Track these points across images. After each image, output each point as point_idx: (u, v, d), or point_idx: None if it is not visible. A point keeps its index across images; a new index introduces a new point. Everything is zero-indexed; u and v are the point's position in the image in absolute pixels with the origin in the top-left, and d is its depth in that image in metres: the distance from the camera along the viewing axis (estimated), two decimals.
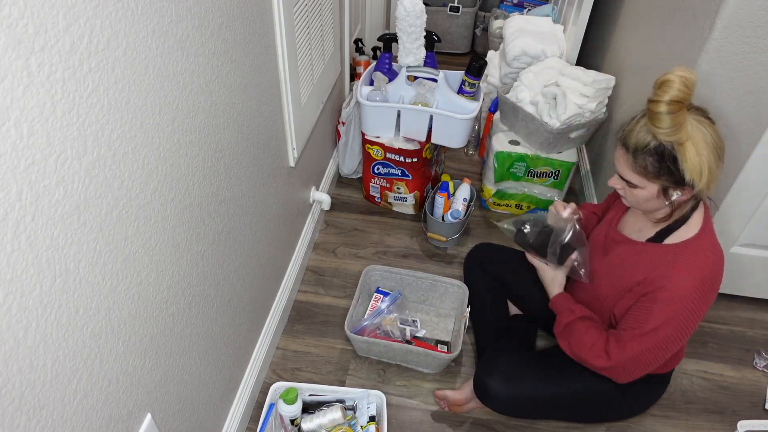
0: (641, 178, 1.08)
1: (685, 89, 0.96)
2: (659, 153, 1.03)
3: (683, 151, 1.01)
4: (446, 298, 1.74)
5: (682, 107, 0.98)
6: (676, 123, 0.98)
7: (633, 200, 1.15)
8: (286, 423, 1.33)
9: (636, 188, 1.10)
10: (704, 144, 1.01)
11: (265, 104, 1.33)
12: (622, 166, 1.10)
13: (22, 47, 0.56)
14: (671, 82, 0.96)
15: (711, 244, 1.12)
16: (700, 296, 1.10)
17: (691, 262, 1.10)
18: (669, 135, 1.00)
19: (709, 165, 1.02)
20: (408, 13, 1.76)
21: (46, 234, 0.64)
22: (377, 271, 1.74)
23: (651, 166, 1.05)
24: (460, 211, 1.96)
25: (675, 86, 0.95)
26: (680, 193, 1.07)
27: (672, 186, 1.07)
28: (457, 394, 1.47)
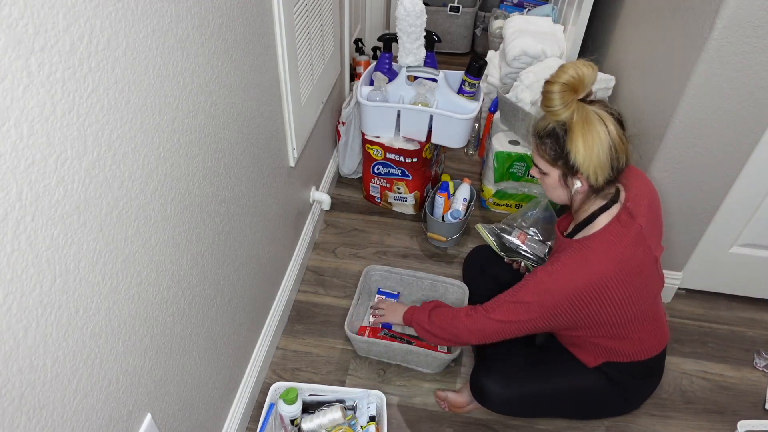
0: (544, 162, 1.16)
1: (576, 76, 1.04)
2: (554, 135, 1.11)
3: (570, 133, 1.07)
4: (446, 298, 1.74)
5: (571, 91, 1.06)
6: (564, 102, 1.06)
7: (545, 189, 1.23)
8: (286, 423, 1.33)
9: (545, 175, 1.18)
10: (595, 132, 1.06)
11: (265, 104, 1.33)
12: (533, 152, 1.19)
13: (22, 47, 0.56)
14: (566, 68, 1.05)
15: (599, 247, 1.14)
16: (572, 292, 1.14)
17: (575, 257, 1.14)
18: (557, 114, 1.07)
19: (597, 153, 1.06)
20: (408, 13, 1.76)
21: (46, 234, 0.64)
22: (377, 272, 1.74)
23: (549, 149, 1.13)
24: (460, 211, 1.96)
25: (568, 72, 1.04)
26: (579, 183, 1.13)
27: (569, 173, 1.13)
28: (458, 397, 1.47)
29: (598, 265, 1.12)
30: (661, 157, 1.53)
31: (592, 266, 1.13)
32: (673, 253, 1.74)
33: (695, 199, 1.59)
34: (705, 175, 1.54)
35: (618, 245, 1.13)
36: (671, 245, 1.72)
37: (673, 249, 1.73)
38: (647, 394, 1.44)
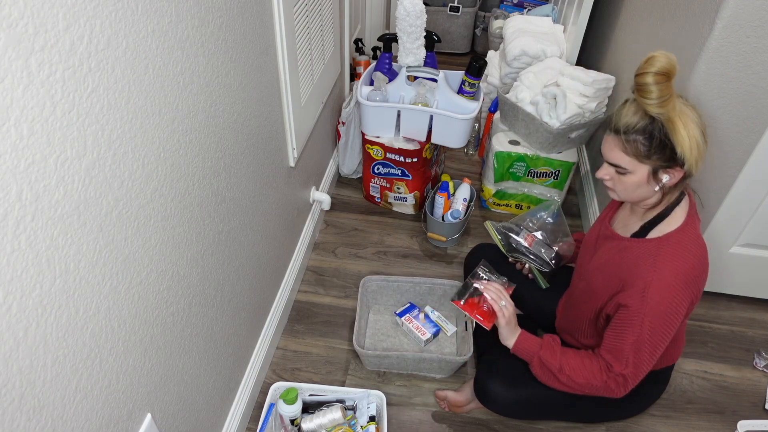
0: (632, 159, 1.08)
1: (669, 62, 0.99)
2: (649, 132, 1.04)
3: (672, 125, 1.02)
4: (445, 299, 1.73)
5: (668, 79, 1.00)
6: (664, 94, 1.00)
7: (622, 189, 1.14)
8: (286, 423, 1.33)
9: (626, 174, 1.10)
10: (690, 121, 1.03)
11: (265, 104, 1.33)
12: (612, 150, 1.11)
13: (22, 47, 0.56)
14: (656, 56, 1.00)
15: (694, 237, 1.12)
16: (682, 289, 1.09)
17: (672, 256, 1.10)
18: (658, 106, 1.01)
19: (698, 141, 1.03)
20: (408, 13, 1.76)
21: (46, 234, 0.64)
22: (374, 281, 1.72)
23: (642, 146, 1.06)
24: (460, 211, 1.96)
25: (661, 59, 0.99)
26: (669, 177, 1.08)
27: (662, 167, 1.07)
28: (458, 396, 1.47)
29: (691, 257, 1.09)
30: None
31: (690, 259, 1.09)
32: None
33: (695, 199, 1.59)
34: (705, 175, 1.54)
35: (701, 239, 1.13)
36: None
37: None
38: (654, 400, 1.43)
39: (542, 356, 1.23)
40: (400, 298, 1.74)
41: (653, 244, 1.13)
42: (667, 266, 1.09)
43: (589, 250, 1.32)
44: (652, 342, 1.12)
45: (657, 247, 1.12)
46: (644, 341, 1.11)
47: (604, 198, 1.99)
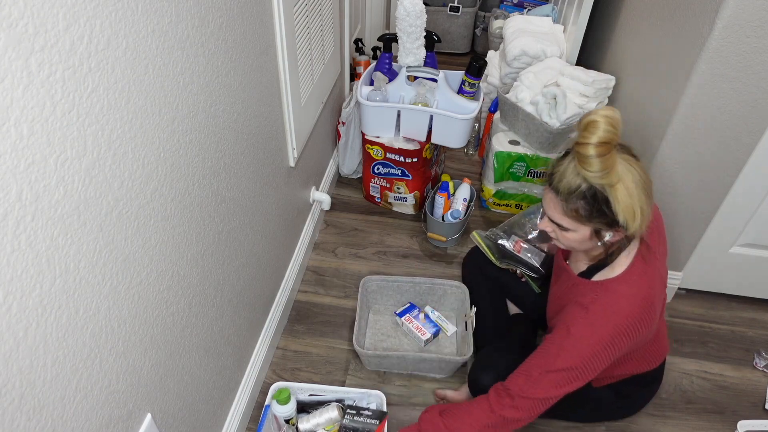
0: (573, 221, 1.06)
1: (611, 129, 0.93)
2: (591, 196, 1.00)
3: (614, 193, 0.98)
4: (445, 299, 1.74)
5: (611, 148, 0.95)
6: (607, 166, 0.96)
7: (565, 242, 1.12)
8: (281, 423, 1.33)
9: (568, 231, 1.08)
10: (634, 184, 0.99)
11: (265, 104, 1.33)
12: (552, 209, 1.08)
13: (22, 47, 0.56)
14: (596, 123, 0.93)
15: (628, 291, 1.09)
16: (609, 341, 1.07)
17: (604, 305, 1.08)
18: (600, 178, 0.97)
19: (641, 205, 1.00)
20: (408, 13, 1.76)
21: (46, 234, 0.64)
22: (374, 281, 1.71)
23: (582, 210, 1.03)
24: (460, 211, 1.96)
25: (601, 127, 0.93)
26: (612, 234, 1.06)
27: (605, 228, 1.05)
28: (457, 395, 1.47)
29: (629, 308, 1.07)
30: (661, 157, 1.53)
31: (623, 312, 1.07)
32: (673, 253, 1.74)
33: (695, 199, 1.59)
34: (705, 175, 1.54)
35: (645, 287, 1.09)
36: (671, 245, 1.72)
37: (673, 249, 1.73)
38: (646, 401, 1.44)
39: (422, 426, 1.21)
40: (400, 298, 1.74)
41: (593, 287, 1.12)
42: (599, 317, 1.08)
43: (555, 273, 1.34)
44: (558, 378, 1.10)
45: (594, 293, 1.11)
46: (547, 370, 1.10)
47: None
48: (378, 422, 1.30)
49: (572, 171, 1.01)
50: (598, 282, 1.13)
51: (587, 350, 1.08)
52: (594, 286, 1.13)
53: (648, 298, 1.10)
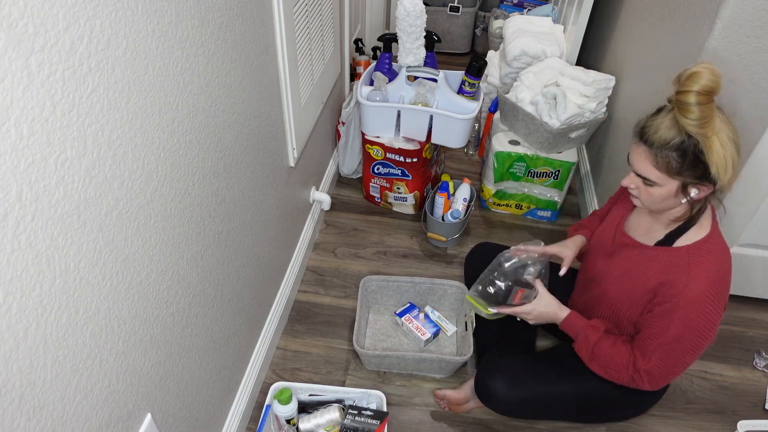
0: (662, 174, 1.05)
1: (713, 78, 0.95)
2: (683, 149, 1.01)
3: (710, 144, 0.99)
4: (445, 299, 1.74)
5: (711, 99, 0.96)
6: (706, 115, 0.97)
7: (648, 199, 1.11)
8: (282, 423, 1.33)
9: (653, 186, 1.07)
10: (727, 138, 1.00)
11: (265, 104, 1.33)
12: (641, 162, 1.07)
13: (22, 47, 0.56)
14: (700, 73, 0.95)
15: (722, 245, 1.11)
16: (716, 298, 1.08)
17: (705, 265, 1.08)
18: (698, 127, 0.97)
19: (733, 159, 1.00)
20: (408, 13, 1.76)
21: (46, 234, 0.64)
22: (374, 281, 1.71)
23: (674, 162, 1.02)
24: (460, 211, 1.96)
25: (704, 76, 0.95)
26: (697, 191, 1.05)
27: (692, 182, 1.04)
28: (457, 394, 1.47)
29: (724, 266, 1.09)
30: None
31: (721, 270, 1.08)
32: None
33: None
34: None
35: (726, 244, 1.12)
36: None
37: None
38: (656, 400, 1.42)
39: (588, 334, 1.23)
40: (400, 298, 1.74)
41: (682, 252, 1.11)
42: (700, 276, 1.07)
43: (603, 254, 1.29)
44: (681, 348, 1.11)
45: (688, 256, 1.10)
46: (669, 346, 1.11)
47: (604, 198, 1.99)
48: (379, 422, 1.30)
49: (669, 123, 1.02)
50: (687, 247, 1.11)
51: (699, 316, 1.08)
52: (683, 252, 1.10)
53: (731, 259, 1.11)
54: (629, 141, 1.75)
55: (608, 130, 2.05)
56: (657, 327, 1.12)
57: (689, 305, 1.08)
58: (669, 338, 1.11)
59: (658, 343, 1.12)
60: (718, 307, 1.08)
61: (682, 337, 1.10)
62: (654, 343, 1.13)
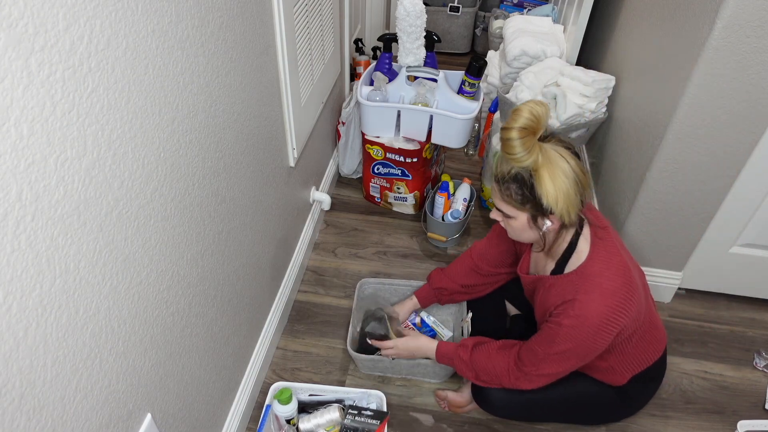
0: (510, 206, 1.13)
1: (533, 117, 1.01)
2: (519, 180, 1.08)
3: (538, 177, 1.05)
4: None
5: (531, 134, 1.02)
6: (526, 148, 1.02)
7: (512, 232, 1.20)
8: (282, 423, 1.33)
9: (510, 218, 1.15)
10: (561, 172, 1.04)
11: (265, 104, 1.33)
12: (495, 197, 1.16)
13: (22, 47, 0.56)
14: (520, 110, 1.02)
15: (605, 261, 1.15)
16: (607, 316, 1.12)
17: (589, 287, 1.13)
18: (520, 161, 1.04)
19: (566, 192, 1.05)
20: (408, 13, 1.76)
21: (46, 234, 0.64)
22: (371, 284, 1.70)
23: (515, 194, 1.10)
24: (460, 211, 1.96)
25: (524, 115, 1.01)
26: (549, 222, 1.12)
27: (539, 214, 1.11)
28: (458, 396, 1.47)
29: (611, 284, 1.13)
30: (661, 157, 1.53)
31: (607, 288, 1.13)
32: (673, 253, 1.74)
33: (695, 199, 1.59)
34: (705, 175, 1.54)
35: (614, 258, 1.16)
36: (671, 245, 1.72)
37: (673, 249, 1.73)
38: (648, 399, 1.44)
39: (460, 356, 1.32)
40: (397, 302, 1.71)
41: (571, 277, 1.17)
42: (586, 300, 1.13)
43: (528, 291, 1.37)
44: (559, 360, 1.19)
45: (573, 282, 1.16)
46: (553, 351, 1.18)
47: (604, 198, 1.99)
48: (379, 422, 1.30)
49: (503, 157, 1.09)
50: (573, 272, 1.17)
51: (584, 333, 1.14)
52: (571, 277, 1.17)
53: (624, 269, 1.15)
54: (629, 141, 1.76)
55: (608, 130, 2.05)
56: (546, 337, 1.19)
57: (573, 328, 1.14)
58: (554, 351, 1.18)
59: (547, 351, 1.19)
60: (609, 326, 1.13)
61: (566, 354, 1.18)
62: (543, 350, 1.20)
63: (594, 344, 1.16)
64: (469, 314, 1.56)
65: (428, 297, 1.61)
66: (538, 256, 1.29)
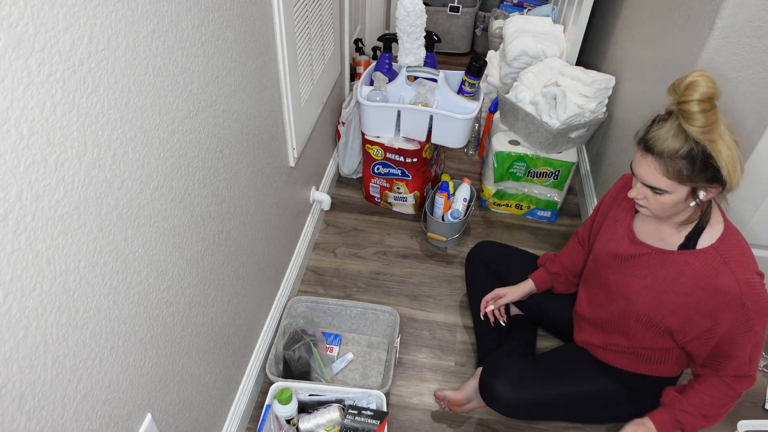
0: (673, 182, 1.05)
1: (711, 84, 0.97)
2: (692, 156, 1.02)
3: (718, 148, 1.00)
4: (377, 325, 1.65)
5: (713, 105, 0.98)
6: (711, 121, 0.98)
7: (657, 207, 1.11)
8: (282, 423, 1.33)
9: (663, 194, 1.08)
10: (731, 139, 1.02)
11: (265, 104, 1.33)
12: (650, 173, 1.07)
13: (22, 47, 0.56)
14: (697, 81, 0.97)
15: (739, 234, 1.14)
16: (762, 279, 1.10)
17: (739, 258, 1.10)
18: (704, 133, 0.99)
19: (740, 158, 1.03)
20: (408, 13, 1.76)
21: (46, 234, 0.64)
22: (303, 303, 1.63)
23: (685, 169, 1.03)
24: (460, 211, 1.96)
25: (702, 83, 0.97)
26: (706, 193, 1.07)
27: (703, 186, 1.05)
28: (457, 395, 1.47)
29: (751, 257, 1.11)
30: None
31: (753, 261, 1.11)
32: None
33: None
34: None
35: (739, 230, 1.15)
36: None
37: None
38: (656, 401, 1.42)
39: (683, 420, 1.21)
40: (332, 321, 1.67)
41: (712, 252, 1.11)
42: (742, 268, 1.09)
43: (615, 266, 1.27)
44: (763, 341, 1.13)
45: (720, 254, 1.11)
46: (759, 343, 1.13)
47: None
48: (379, 422, 1.30)
49: (675, 132, 1.02)
50: (713, 245, 1.12)
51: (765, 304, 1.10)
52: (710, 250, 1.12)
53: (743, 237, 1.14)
54: (629, 141, 1.75)
55: (608, 130, 2.05)
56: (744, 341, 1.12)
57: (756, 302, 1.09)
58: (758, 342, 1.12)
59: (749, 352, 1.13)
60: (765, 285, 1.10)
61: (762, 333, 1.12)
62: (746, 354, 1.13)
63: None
64: (398, 338, 1.54)
65: (544, 281, 1.52)
66: (648, 226, 1.21)
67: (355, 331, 1.68)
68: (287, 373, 1.48)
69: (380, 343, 1.67)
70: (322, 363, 1.50)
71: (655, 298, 1.19)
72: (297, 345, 1.46)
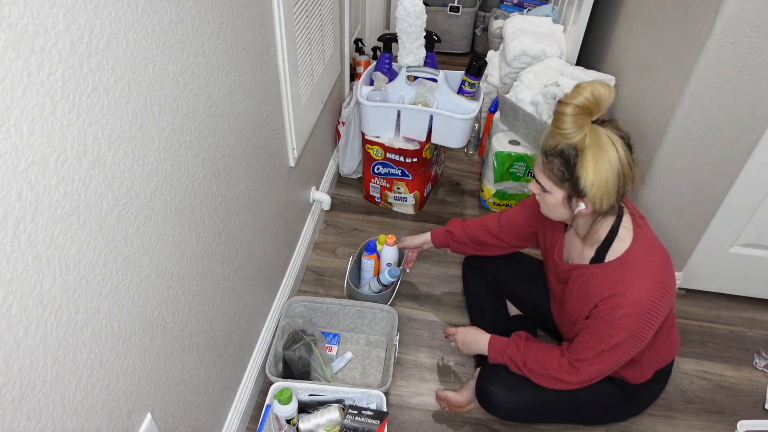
0: (549, 181, 1.11)
1: (592, 98, 0.99)
2: (566, 157, 1.06)
3: (582, 157, 1.03)
4: (375, 324, 1.65)
5: (586, 114, 1.01)
6: (576, 125, 1.01)
7: (544, 207, 1.18)
8: (282, 423, 1.33)
9: (547, 193, 1.14)
10: (606, 158, 1.03)
11: (265, 104, 1.33)
12: (537, 169, 1.15)
13: (22, 47, 0.56)
14: (583, 88, 1.00)
15: (650, 247, 1.15)
16: (656, 301, 1.12)
17: (637, 273, 1.12)
18: (567, 137, 1.03)
19: (605, 179, 1.03)
20: (408, 13, 1.76)
21: (46, 234, 0.64)
22: (301, 303, 1.62)
23: (557, 169, 1.08)
24: (387, 278, 1.68)
25: (584, 94, 0.99)
26: (583, 206, 1.10)
27: (575, 195, 1.09)
28: (458, 396, 1.47)
29: (658, 268, 1.12)
30: (661, 157, 1.53)
31: (655, 272, 1.12)
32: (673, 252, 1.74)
33: (695, 199, 1.60)
34: (705, 175, 1.54)
35: (657, 243, 1.17)
36: (671, 245, 1.72)
37: (673, 249, 1.73)
38: (653, 399, 1.44)
39: (510, 354, 1.30)
40: (329, 320, 1.66)
41: (615, 265, 1.15)
42: (638, 285, 1.11)
43: (557, 281, 1.34)
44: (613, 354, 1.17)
45: (621, 268, 1.14)
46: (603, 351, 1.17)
47: None
48: (379, 422, 1.30)
49: (552, 131, 1.07)
50: (616, 260, 1.15)
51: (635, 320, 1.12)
52: (615, 265, 1.15)
53: (663, 248, 1.17)
54: None
55: None
56: (597, 336, 1.16)
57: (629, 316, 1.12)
58: (608, 346, 1.16)
59: (597, 350, 1.17)
60: (657, 311, 1.12)
61: (621, 345, 1.15)
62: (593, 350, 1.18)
63: (648, 331, 1.13)
64: (397, 336, 1.55)
65: (439, 237, 1.61)
66: (574, 242, 1.26)
67: (353, 330, 1.68)
68: (287, 373, 1.48)
69: (379, 342, 1.67)
70: (322, 362, 1.50)
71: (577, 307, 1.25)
72: (297, 345, 1.46)
